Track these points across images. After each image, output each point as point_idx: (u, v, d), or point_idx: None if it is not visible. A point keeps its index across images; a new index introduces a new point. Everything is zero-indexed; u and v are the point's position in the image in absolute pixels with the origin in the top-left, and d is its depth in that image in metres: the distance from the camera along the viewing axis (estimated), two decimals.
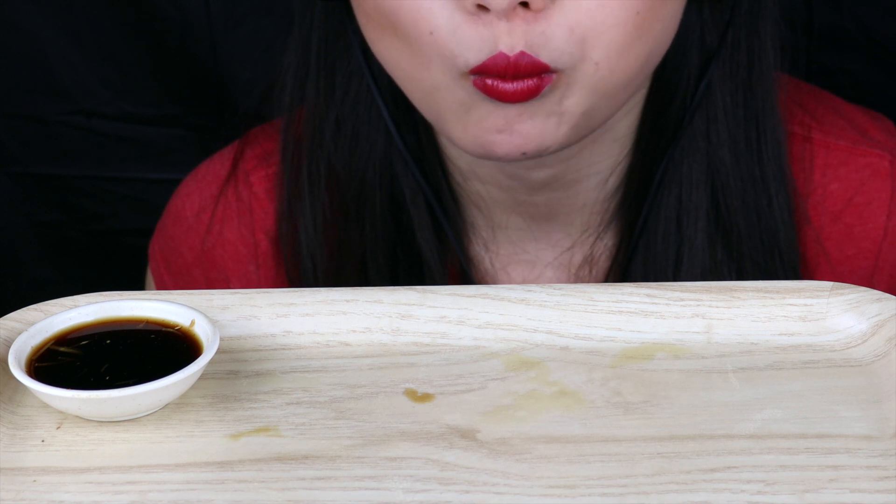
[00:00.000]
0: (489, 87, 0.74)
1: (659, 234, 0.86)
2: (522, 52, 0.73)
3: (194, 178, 0.96)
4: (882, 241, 0.89)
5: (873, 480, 0.58)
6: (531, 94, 0.74)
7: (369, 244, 0.89)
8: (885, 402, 0.62)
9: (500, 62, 0.73)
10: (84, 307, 0.66)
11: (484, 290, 0.69)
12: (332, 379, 0.65)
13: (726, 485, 0.58)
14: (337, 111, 0.88)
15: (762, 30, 0.85)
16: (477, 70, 0.74)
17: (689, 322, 0.68)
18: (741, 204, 0.86)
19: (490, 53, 0.73)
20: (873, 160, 0.89)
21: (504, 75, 0.73)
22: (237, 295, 0.69)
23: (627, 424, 0.62)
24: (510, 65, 0.73)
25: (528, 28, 0.72)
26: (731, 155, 0.86)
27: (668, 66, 0.83)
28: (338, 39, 0.87)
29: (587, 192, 0.87)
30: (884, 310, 0.67)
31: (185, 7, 1.11)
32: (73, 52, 1.13)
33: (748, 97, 0.85)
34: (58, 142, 1.16)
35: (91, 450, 0.61)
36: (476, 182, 0.88)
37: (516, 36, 0.73)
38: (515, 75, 0.73)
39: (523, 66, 0.73)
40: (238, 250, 0.94)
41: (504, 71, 0.73)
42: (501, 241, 0.90)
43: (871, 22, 1.06)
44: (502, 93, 0.74)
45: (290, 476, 0.59)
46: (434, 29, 0.74)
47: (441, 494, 0.58)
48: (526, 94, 0.74)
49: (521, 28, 0.72)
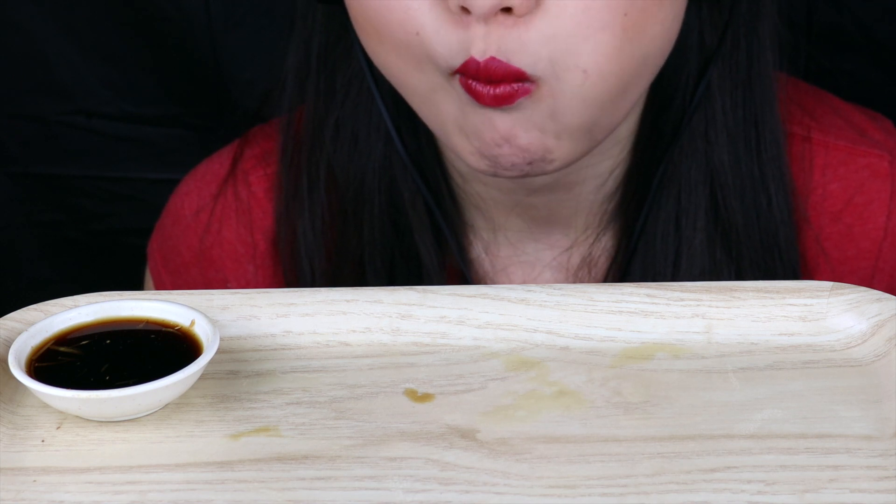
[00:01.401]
0: (470, 88, 0.74)
1: (658, 234, 0.86)
2: (492, 57, 0.72)
3: (193, 177, 0.96)
4: (882, 241, 0.89)
5: (873, 480, 0.58)
6: (504, 101, 0.73)
7: (367, 247, 0.89)
8: (885, 402, 0.62)
9: (470, 67, 0.73)
10: (84, 307, 0.66)
11: (484, 290, 0.69)
12: (332, 379, 0.65)
13: (726, 485, 0.58)
14: (337, 114, 0.88)
15: (761, 30, 0.85)
16: (457, 72, 0.74)
17: (689, 322, 0.68)
18: (740, 204, 0.86)
19: (465, 57, 0.73)
20: (873, 160, 0.89)
21: (478, 78, 0.73)
22: (237, 295, 0.69)
23: (627, 424, 0.62)
24: (480, 69, 0.72)
25: (504, 33, 0.72)
26: (731, 155, 0.85)
27: (667, 67, 0.83)
28: (339, 42, 0.87)
29: (587, 193, 0.87)
30: (884, 310, 0.67)
31: (185, 7, 1.11)
32: (73, 52, 1.13)
33: (747, 97, 0.85)
34: (58, 142, 1.16)
35: (91, 450, 0.61)
36: (476, 184, 0.88)
37: (490, 41, 0.72)
38: (488, 79, 0.73)
39: (494, 71, 0.72)
40: (236, 250, 0.94)
41: (476, 75, 0.73)
42: (501, 243, 0.90)
43: (871, 22, 1.06)
44: (479, 94, 0.73)
45: (290, 476, 0.59)
46: (420, 29, 0.74)
47: (441, 494, 0.58)
48: (498, 99, 0.73)
49: (497, 33, 0.72)
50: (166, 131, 1.16)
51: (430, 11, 0.73)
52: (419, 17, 0.73)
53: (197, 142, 1.15)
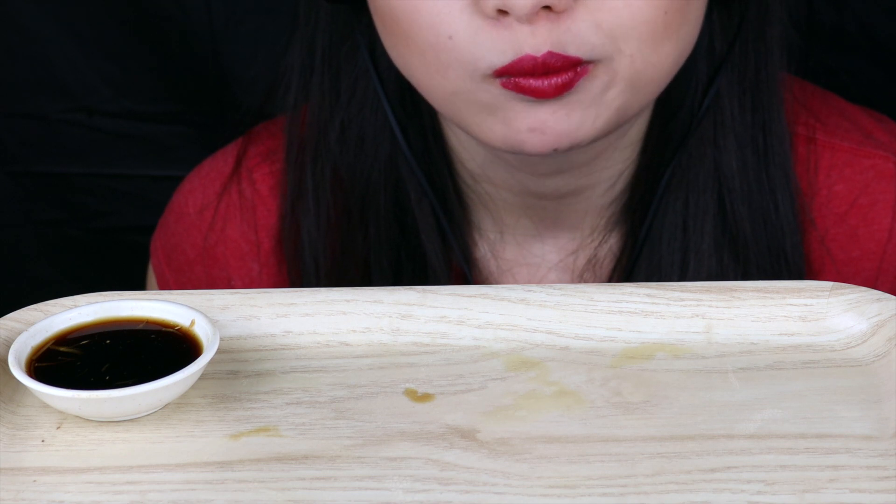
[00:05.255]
0: (522, 86, 0.74)
1: (664, 238, 0.86)
2: (550, 51, 0.72)
3: (197, 174, 0.96)
4: (886, 242, 0.89)
5: (873, 480, 0.58)
6: (565, 88, 0.74)
7: (373, 247, 0.88)
8: (885, 402, 0.62)
9: (526, 64, 0.73)
10: (84, 307, 0.66)
11: (484, 290, 0.69)
12: (332, 379, 0.65)
13: (726, 485, 0.58)
14: (342, 114, 0.88)
15: (769, 35, 0.85)
16: (502, 71, 0.74)
17: (690, 322, 0.68)
18: (748, 209, 0.86)
19: (515, 55, 0.73)
20: (878, 162, 0.89)
21: (533, 73, 0.73)
22: (237, 295, 0.69)
23: (627, 424, 0.62)
24: (538, 65, 0.73)
25: (552, 27, 0.72)
26: (738, 160, 0.85)
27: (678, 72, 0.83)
28: (343, 42, 0.87)
29: (596, 197, 0.87)
30: (884, 310, 0.67)
31: (186, 5, 1.11)
32: (74, 50, 1.13)
33: (755, 103, 0.85)
34: (59, 140, 1.16)
35: (91, 450, 0.61)
36: (486, 184, 0.88)
37: (540, 37, 0.72)
38: (546, 72, 0.73)
39: (553, 64, 0.73)
40: (240, 248, 0.94)
41: (532, 70, 0.73)
42: (508, 244, 0.90)
43: (872, 22, 1.06)
44: (536, 90, 0.73)
45: (290, 476, 0.59)
46: (453, 34, 0.74)
47: (441, 494, 0.58)
48: (560, 88, 0.73)
49: (545, 29, 0.72)
50: (167, 129, 1.16)
51: (462, 15, 0.73)
52: (451, 22, 0.73)
53: (198, 139, 1.15)
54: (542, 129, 0.75)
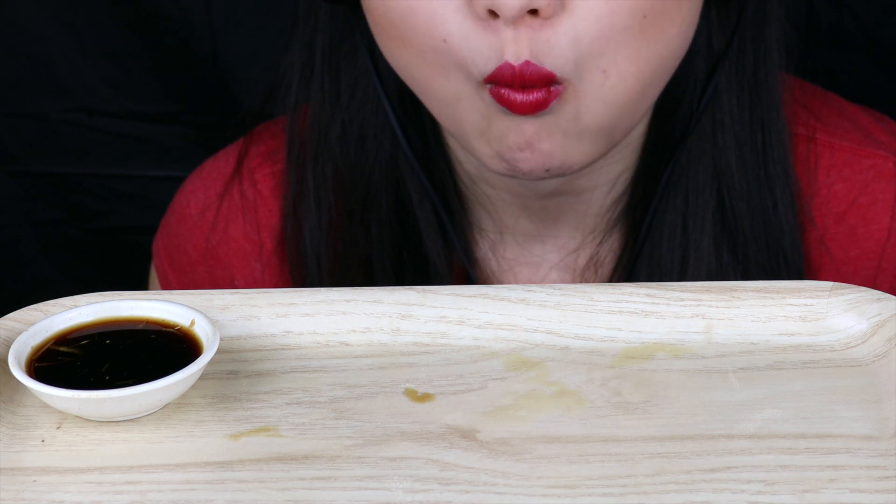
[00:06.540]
0: (502, 98, 0.74)
1: (665, 236, 0.86)
2: (527, 61, 0.72)
3: (199, 175, 0.96)
4: (886, 242, 0.89)
5: (873, 480, 0.58)
6: (540, 107, 0.73)
7: (375, 246, 0.89)
8: (885, 402, 0.62)
9: (506, 72, 0.73)
10: (84, 307, 0.66)
11: (484, 290, 0.69)
12: (332, 379, 0.65)
13: (726, 485, 0.58)
14: (343, 114, 0.88)
15: (768, 33, 0.84)
16: (489, 79, 0.74)
17: (689, 322, 0.68)
18: (747, 207, 0.86)
19: (498, 62, 0.73)
20: (878, 161, 0.89)
21: (513, 85, 0.73)
22: (237, 295, 0.69)
23: (627, 424, 0.62)
24: (516, 74, 0.73)
25: (533, 35, 0.72)
26: (737, 158, 0.85)
27: (676, 70, 0.83)
28: (343, 42, 0.87)
29: (597, 197, 0.87)
30: (884, 310, 0.67)
31: (186, 5, 1.11)
32: (74, 50, 1.13)
33: (754, 100, 0.85)
34: (59, 140, 1.16)
35: (91, 450, 0.61)
36: (484, 185, 0.88)
37: (521, 44, 0.72)
38: (523, 85, 0.73)
39: (528, 76, 0.72)
40: (243, 248, 0.94)
41: (511, 80, 0.73)
42: (508, 243, 0.90)
43: (872, 22, 1.06)
44: (512, 103, 0.73)
45: (290, 476, 0.59)
46: (447, 36, 0.74)
47: (441, 494, 0.58)
48: (534, 105, 0.73)
49: (526, 35, 0.72)
50: (167, 129, 1.16)
51: (455, 16, 0.73)
52: (445, 24, 0.73)
53: (198, 139, 1.16)
54: (530, 147, 0.75)
